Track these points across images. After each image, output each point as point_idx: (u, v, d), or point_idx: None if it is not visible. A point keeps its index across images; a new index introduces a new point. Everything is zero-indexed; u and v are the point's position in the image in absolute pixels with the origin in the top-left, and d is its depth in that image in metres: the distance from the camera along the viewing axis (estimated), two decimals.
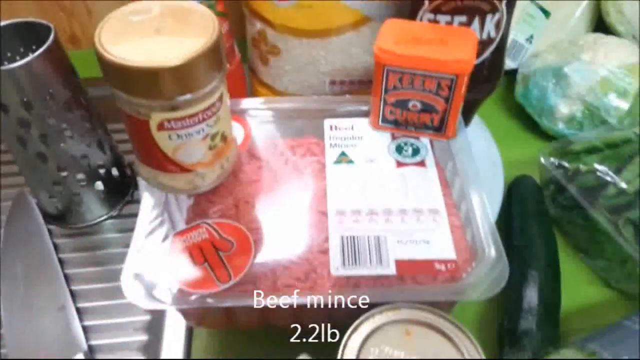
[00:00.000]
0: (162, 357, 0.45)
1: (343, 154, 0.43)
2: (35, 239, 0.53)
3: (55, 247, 0.53)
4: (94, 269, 0.52)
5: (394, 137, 0.44)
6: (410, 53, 0.39)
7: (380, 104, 0.43)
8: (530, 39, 0.64)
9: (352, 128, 0.45)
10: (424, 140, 0.44)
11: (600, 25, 0.65)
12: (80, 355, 0.43)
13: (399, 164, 0.42)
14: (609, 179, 0.47)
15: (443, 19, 0.43)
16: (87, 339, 0.45)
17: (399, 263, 0.36)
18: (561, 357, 0.36)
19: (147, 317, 0.48)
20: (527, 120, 0.61)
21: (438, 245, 0.37)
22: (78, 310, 0.47)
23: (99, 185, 0.54)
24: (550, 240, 0.48)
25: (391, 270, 0.36)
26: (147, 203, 0.40)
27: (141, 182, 0.53)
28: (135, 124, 0.36)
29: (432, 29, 0.41)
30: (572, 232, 0.51)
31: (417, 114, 0.43)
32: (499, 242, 0.37)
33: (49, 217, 0.55)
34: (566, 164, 0.49)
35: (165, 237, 0.39)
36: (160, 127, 0.35)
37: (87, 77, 0.50)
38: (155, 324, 0.47)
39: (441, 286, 0.36)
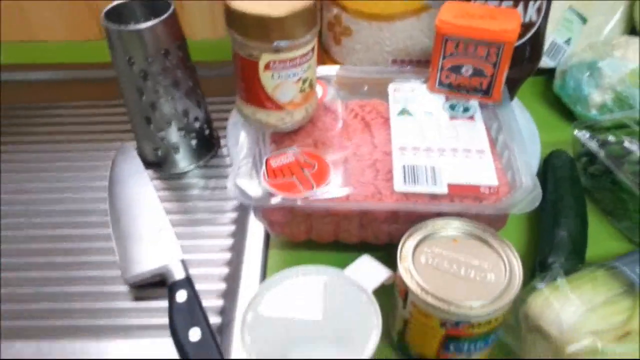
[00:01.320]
0: (242, 272, 0.53)
1: (404, 109, 0.52)
2: (137, 177, 0.63)
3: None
4: (184, 203, 0.62)
5: (447, 99, 0.53)
6: (466, 24, 0.48)
7: (437, 69, 0.52)
8: (568, 42, 0.72)
9: (412, 91, 0.54)
10: (474, 102, 0.53)
11: (632, 32, 0.73)
12: (178, 262, 0.52)
13: (452, 118, 0.51)
14: (634, 148, 0.54)
15: (492, 3, 0.52)
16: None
17: (451, 186, 0.45)
18: (583, 273, 0.43)
19: (229, 241, 0.57)
20: (563, 110, 0.69)
21: (483, 174, 0.45)
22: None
23: (193, 139, 0.64)
24: (580, 198, 0.55)
25: (444, 189, 0.44)
26: (245, 136, 0.50)
27: (230, 137, 0.63)
28: (247, 65, 0.46)
29: (484, 8, 0.51)
30: (601, 198, 0.58)
31: (469, 78, 0.51)
32: (534, 175, 0.45)
33: (147, 164, 0.65)
34: (598, 136, 0.56)
35: (259, 161, 0.48)
36: (266, 67, 0.45)
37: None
38: (236, 245, 0.56)
39: (486, 204, 0.44)
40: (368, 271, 0.43)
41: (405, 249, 0.42)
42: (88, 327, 0.51)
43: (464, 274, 0.40)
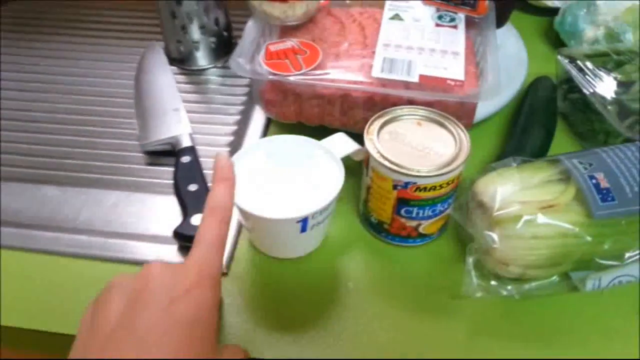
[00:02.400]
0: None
1: (396, 15, 0.58)
2: (161, 69, 0.71)
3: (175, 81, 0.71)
4: (201, 95, 0.69)
5: (438, 10, 0.59)
6: None
7: None
8: None
9: (407, 2, 0.60)
10: (461, 15, 0.58)
11: None
12: (187, 134, 0.60)
13: (437, 25, 0.57)
14: (607, 74, 0.58)
15: None
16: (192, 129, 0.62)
17: (422, 76, 0.51)
18: (532, 163, 0.49)
19: (234, 127, 0.65)
20: (559, 44, 0.73)
21: (452, 71, 0.51)
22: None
23: (213, 39, 0.72)
24: (551, 115, 0.60)
25: (415, 79, 0.50)
26: (251, 26, 0.57)
27: None
28: None
29: None
30: (574, 120, 0.62)
31: None
32: (497, 74, 0.50)
33: (172, 60, 0.73)
34: (578, 61, 0.61)
35: (259, 46, 0.55)
36: None
37: None
38: (240, 130, 0.64)
39: (450, 94, 0.50)
40: (340, 143, 0.50)
41: (373, 126, 0.48)
42: (107, 180, 0.59)
43: (420, 148, 0.47)
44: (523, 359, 0.43)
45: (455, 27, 0.56)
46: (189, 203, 0.52)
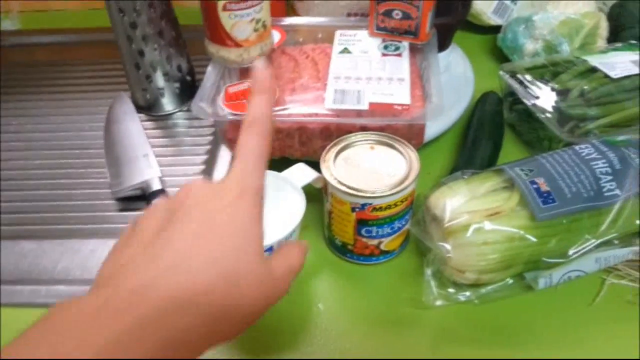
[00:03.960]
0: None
1: (345, 48, 0.62)
2: (129, 117, 0.74)
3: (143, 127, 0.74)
4: (168, 139, 0.73)
5: (383, 41, 0.63)
6: None
7: (374, 14, 0.61)
8: (514, 1, 0.81)
9: (355, 35, 0.64)
10: (405, 43, 0.62)
11: None
12: (156, 178, 0.63)
13: (383, 55, 0.61)
14: (545, 84, 0.63)
15: None
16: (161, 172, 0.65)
17: (371, 104, 0.54)
18: (479, 175, 0.53)
19: (202, 166, 0.67)
20: (504, 60, 0.78)
21: (399, 96, 0.55)
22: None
23: (177, 85, 0.75)
24: (498, 128, 0.64)
25: (365, 106, 0.54)
26: (211, 70, 0.61)
27: None
28: (209, 6, 0.56)
29: None
30: (521, 130, 0.66)
31: (399, 21, 0.61)
32: (440, 95, 0.54)
33: (139, 108, 0.76)
34: (518, 75, 0.65)
35: (219, 88, 0.58)
36: (224, 7, 0.55)
37: None
38: (208, 169, 0.67)
39: (399, 117, 0.53)
40: (300, 173, 0.53)
41: (329, 154, 0.51)
42: (83, 229, 0.62)
43: (373, 171, 0.50)
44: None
45: (399, 55, 0.60)
46: None
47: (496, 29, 0.81)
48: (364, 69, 0.59)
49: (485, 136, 0.62)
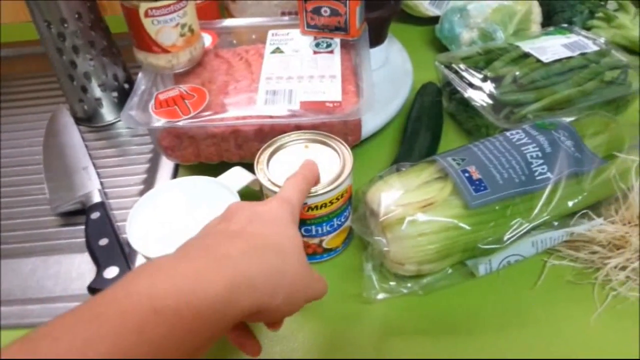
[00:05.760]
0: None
1: (277, 48, 0.62)
2: (68, 130, 0.72)
3: (83, 138, 0.72)
4: (109, 149, 0.71)
5: (315, 39, 0.62)
6: None
7: (303, 12, 0.61)
8: None
9: (288, 34, 0.64)
10: (337, 40, 0.62)
11: None
12: (96, 190, 0.61)
13: (315, 52, 0.60)
14: (479, 72, 0.63)
15: None
16: (102, 185, 0.64)
17: (302, 103, 0.54)
18: (414, 167, 0.53)
19: (144, 176, 0.66)
20: (443, 50, 0.78)
21: (330, 93, 0.55)
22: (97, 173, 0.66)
23: (115, 94, 0.73)
24: (436, 118, 0.64)
25: (297, 106, 0.54)
26: (141, 77, 0.59)
27: None
28: (131, 13, 0.55)
29: None
30: (460, 119, 0.67)
31: (328, 18, 0.61)
32: (371, 90, 0.54)
33: (79, 120, 0.74)
34: (453, 65, 0.66)
35: (150, 95, 0.57)
36: (146, 14, 0.54)
37: None
38: (149, 178, 0.66)
39: (330, 115, 0.53)
40: (236, 177, 0.53)
41: (263, 155, 0.51)
42: (23, 248, 0.60)
43: None
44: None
45: (332, 52, 0.60)
46: (101, 257, 0.53)
47: (435, 19, 0.82)
48: (295, 68, 0.58)
49: (424, 127, 0.62)
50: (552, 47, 0.65)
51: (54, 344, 0.26)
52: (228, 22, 0.68)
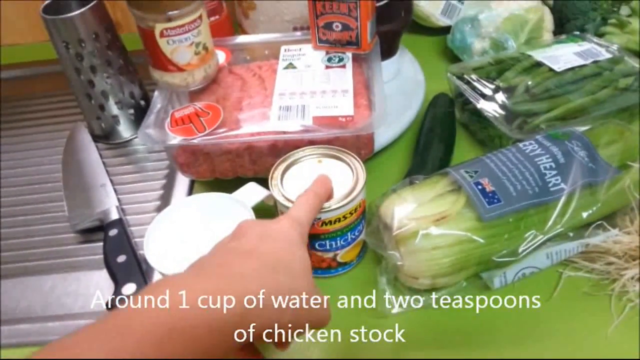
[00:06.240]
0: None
1: (290, 64, 0.62)
2: (86, 148, 0.74)
3: (100, 155, 0.73)
4: (126, 166, 0.72)
5: (327, 53, 0.63)
6: None
7: (315, 28, 0.62)
8: (461, 1, 0.82)
9: (300, 50, 0.64)
10: (348, 54, 0.63)
11: None
12: (113, 207, 0.63)
13: (327, 67, 0.61)
14: (491, 83, 0.63)
15: None
16: (119, 201, 0.65)
17: (315, 118, 0.55)
18: (426, 180, 0.53)
19: (160, 192, 0.67)
20: (455, 60, 0.79)
21: (342, 108, 0.55)
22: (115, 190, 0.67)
23: (131, 111, 0.75)
24: (449, 130, 0.65)
25: (310, 121, 0.54)
26: (157, 96, 0.61)
27: None
28: (147, 34, 0.56)
29: None
30: (473, 129, 0.67)
31: (340, 33, 0.61)
32: (382, 103, 0.54)
33: (96, 137, 0.76)
34: (465, 76, 0.66)
35: (166, 114, 0.58)
36: (161, 34, 0.56)
37: None
38: (165, 195, 0.67)
39: (344, 129, 0.54)
40: (251, 193, 0.54)
41: (277, 171, 0.51)
42: (43, 265, 0.61)
43: None
44: None
45: (344, 66, 0.61)
46: (119, 274, 0.54)
47: (446, 29, 0.82)
48: (308, 83, 0.59)
49: (437, 139, 0.63)
50: (564, 55, 0.65)
51: (77, 354, 0.27)
52: (241, 38, 0.69)
